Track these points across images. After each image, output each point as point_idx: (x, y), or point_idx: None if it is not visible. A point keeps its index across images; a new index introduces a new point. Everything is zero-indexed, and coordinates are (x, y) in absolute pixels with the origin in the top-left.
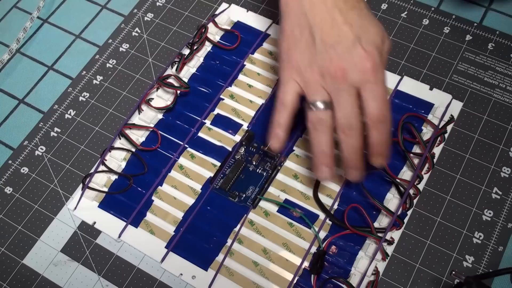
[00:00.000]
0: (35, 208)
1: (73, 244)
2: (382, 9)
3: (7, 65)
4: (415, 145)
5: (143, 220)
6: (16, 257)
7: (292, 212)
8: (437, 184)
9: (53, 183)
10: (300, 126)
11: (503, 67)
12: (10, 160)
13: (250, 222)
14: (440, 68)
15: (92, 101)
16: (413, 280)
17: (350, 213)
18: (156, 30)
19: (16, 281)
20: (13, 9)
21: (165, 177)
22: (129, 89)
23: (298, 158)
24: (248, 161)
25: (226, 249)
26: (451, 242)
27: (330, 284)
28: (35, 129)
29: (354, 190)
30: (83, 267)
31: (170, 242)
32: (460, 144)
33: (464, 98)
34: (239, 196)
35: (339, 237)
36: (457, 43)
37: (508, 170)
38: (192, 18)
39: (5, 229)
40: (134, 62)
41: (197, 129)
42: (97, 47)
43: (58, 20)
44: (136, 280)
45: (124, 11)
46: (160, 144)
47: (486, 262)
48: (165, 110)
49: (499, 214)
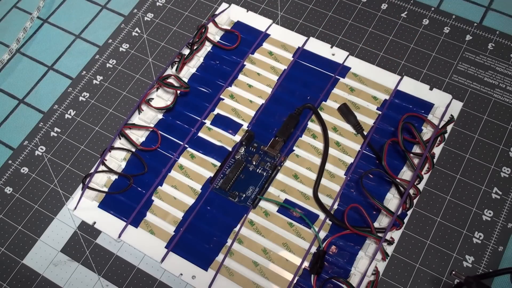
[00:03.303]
0: (35, 208)
1: (73, 244)
2: (382, 9)
3: (7, 65)
4: (415, 145)
5: (143, 220)
6: (16, 257)
7: (292, 212)
8: (437, 184)
9: (53, 183)
10: (300, 126)
11: (503, 67)
12: (10, 160)
13: (250, 222)
14: (440, 68)
15: (92, 101)
16: (413, 280)
17: (350, 213)
18: (156, 30)
19: (16, 281)
20: (13, 9)
21: (165, 177)
22: (129, 89)
23: (298, 158)
24: (248, 161)
25: (226, 249)
26: (451, 242)
27: (330, 284)
28: (35, 129)
29: (354, 190)
30: (83, 267)
31: (170, 242)
32: (460, 144)
33: (464, 98)
34: (239, 196)
35: (339, 237)
36: (457, 43)
37: (508, 170)
38: (192, 18)
39: (5, 229)
40: (134, 62)
41: (197, 129)
42: (97, 47)
43: (58, 20)
44: (136, 280)
45: (124, 11)
46: (160, 144)
47: (486, 262)
48: (165, 110)
49: (499, 214)
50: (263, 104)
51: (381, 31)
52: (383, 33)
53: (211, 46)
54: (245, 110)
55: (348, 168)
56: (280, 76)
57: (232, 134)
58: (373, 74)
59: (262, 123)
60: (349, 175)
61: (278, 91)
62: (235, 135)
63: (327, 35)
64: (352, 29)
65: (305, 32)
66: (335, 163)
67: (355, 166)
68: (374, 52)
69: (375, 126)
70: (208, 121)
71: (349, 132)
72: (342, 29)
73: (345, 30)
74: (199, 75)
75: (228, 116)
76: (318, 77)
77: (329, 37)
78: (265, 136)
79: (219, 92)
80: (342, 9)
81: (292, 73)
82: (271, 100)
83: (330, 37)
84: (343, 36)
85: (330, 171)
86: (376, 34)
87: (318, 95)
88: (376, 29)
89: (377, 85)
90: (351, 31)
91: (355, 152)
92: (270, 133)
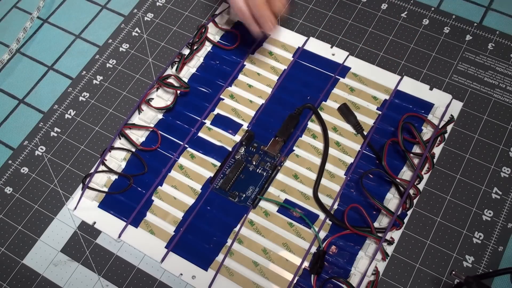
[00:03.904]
0: (35, 208)
1: (73, 244)
2: (382, 9)
3: (7, 65)
4: (415, 145)
5: (143, 220)
6: (16, 257)
7: (292, 212)
8: (437, 184)
9: (53, 183)
10: (300, 126)
11: (503, 67)
12: (10, 160)
13: (250, 222)
14: (440, 68)
15: (92, 101)
16: (413, 280)
17: (350, 213)
18: (156, 30)
19: (16, 281)
20: (13, 9)
21: (165, 177)
22: (129, 89)
23: (298, 158)
24: (248, 161)
25: (226, 249)
26: (451, 242)
27: (330, 284)
28: (35, 129)
29: (354, 190)
30: (83, 267)
31: (170, 242)
32: (460, 144)
33: (464, 98)
34: (239, 196)
35: (339, 237)
36: (457, 43)
37: (508, 170)
38: (192, 18)
39: (5, 229)
40: (134, 62)
41: (197, 129)
42: (97, 47)
43: (58, 20)
44: (136, 280)
45: (124, 11)
46: (160, 144)
47: (486, 262)
48: (165, 110)
49: (499, 214)
50: (263, 104)
51: (381, 31)
52: (383, 33)
53: (211, 46)
54: (245, 110)
55: (348, 168)
56: (280, 76)
57: (232, 134)
58: (373, 74)
59: (262, 123)
60: (349, 175)
61: (278, 91)
62: (235, 135)
63: (327, 35)
64: (352, 29)
65: (305, 32)
66: (335, 163)
67: (355, 166)
68: (374, 52)
69: (375, 126)
70: (208, 121)
71: (349, 132)
72: (342, 29)
73: (345, 30)
74: (199, 75)
75: (228, 116)
76: (318, 77)
77: (329, 37)
78: (265, 136)
79: (219, 92)
80: (342, 9)
81: (292, 73)
82: (271, 100)
83: (330, 37)
84: (343, 36)
85: (330, 171)
86: (376, 34)
87: (318, 95)
88: (376, 29)
89: (377, 85)
90: (351, 31)
91: (355, 152)
92: (270, 133)
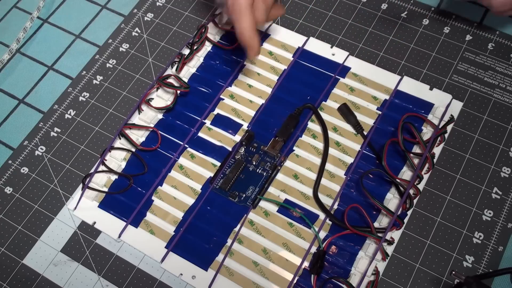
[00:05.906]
0: (35, 208)
1: (73, 244)
2: (382, 9)
3: (7, 65)
4: (415, 145)
5: (143, 220)
6: (16, 257)
7: (292, 212)
8: (437, 184)
9: (53, 183)
10: (300, 126)
11: (503, 67)
12: (10, 160)
13: (250, 222)
14: (440, 68)
15: (92, 101)
16: (413, 280)
17: (350, 213)
18: (156, 30)
19: (16, 281)
20: (13, 9)
21: (165, 177)
22: (129, 89)
23: (298, 158)
24: (248, 161)
25: (226, 249)
26: (451, 242)
27: (330, 284)
28: (35, 129)
29: (354, 190)
30: (83, 267)
31: (170, 242)
32: (460, 144)
33: (464, 98)
34: (239, 196)
35: (339, 237)
36: (457, 43)
37: (508, 170)
38: (192, 18)
39: (5, 229)
40: (134, 62)
41: (197, 129)
42: (97, 47)
43: (58, 20)
44: (136, 280)
45: (124, 11)
46: (160, 144)
47: (486, 262)
48: (165, 110)
49: (499, 214)
50: (263, 104)
51: (381, 31)
52: (383, 33)
53: (211, 46)
54: (245, 110)
55: (348, 168)
56: (280, 76)
57: (232, 134)
58: (373, 74)
59: (262, 123)
60: (349, 175)
61: (278, 91)
62: (235, 135)
63: (327, 35)
64: (352, 29)
65: (305, 32)
66: (335, 163)
67: (355, 166)
68: (374, 52)
69: (375, 126)
70: (208, 121)
71: (349, 132)
72: (342, 29)
73: (345, 30)
74: (199, 75)
75: (228, 116)
76: (318, 77)
77: (329, 37)
78: (265, 136)
79: (219, 92)
80: (342, 9)
81: (292, 73)
82: (271, 100)
83: (330, 37)
84: (343, 36)
85: (330, 171)
86: (376, 34)
87: (318, 95)
88: (376, 29)
89: (377, 85)
90: (351, 31)
91: (355, 152)
92: (270, 133)
